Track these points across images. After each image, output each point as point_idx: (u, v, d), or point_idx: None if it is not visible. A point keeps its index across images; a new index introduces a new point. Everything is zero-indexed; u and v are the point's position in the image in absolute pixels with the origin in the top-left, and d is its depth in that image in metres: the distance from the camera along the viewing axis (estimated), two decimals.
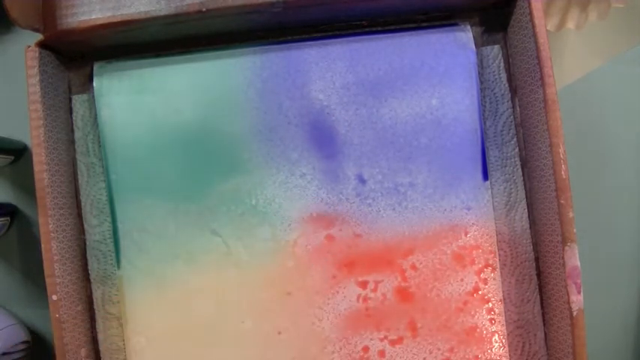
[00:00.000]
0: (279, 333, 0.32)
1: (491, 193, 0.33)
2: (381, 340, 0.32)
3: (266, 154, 0.32)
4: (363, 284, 0.32)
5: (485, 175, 0.32)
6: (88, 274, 0.33)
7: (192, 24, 0.31)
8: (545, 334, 0.33)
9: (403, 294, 0.32)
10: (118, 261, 0.32)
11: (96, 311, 0.33)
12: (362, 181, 0.32)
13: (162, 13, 0.30)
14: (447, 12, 0.34)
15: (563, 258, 0.29)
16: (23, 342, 0.35)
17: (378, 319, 0.32)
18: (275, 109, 0.32)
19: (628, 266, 0.38)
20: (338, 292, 0.32)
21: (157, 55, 0.33)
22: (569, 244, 0.29)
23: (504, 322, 0.32)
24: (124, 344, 0.33)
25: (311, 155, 0.32)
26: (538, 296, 0.33)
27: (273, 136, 0.32)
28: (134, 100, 0.33)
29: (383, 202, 0.32)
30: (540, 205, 0.32)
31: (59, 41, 0.31)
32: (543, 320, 0.33)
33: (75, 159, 0.34)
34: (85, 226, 0.33)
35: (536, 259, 0.33)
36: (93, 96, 0.33)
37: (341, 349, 0.32)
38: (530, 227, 0.33)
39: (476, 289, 0.32)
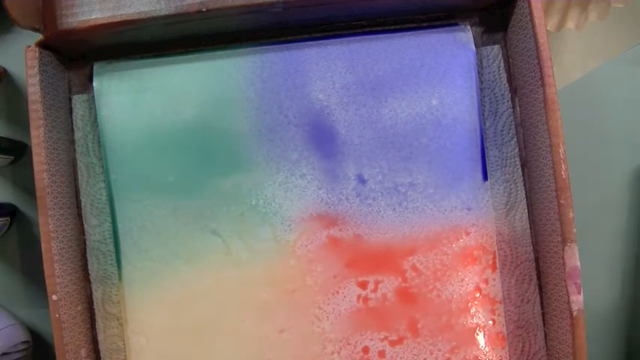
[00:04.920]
0: (280, 332, 0.32)
1: (491, 193, 0.33)
2: (382, 340, 0.32)
3: (266, 154, 0.32)
4: (363, 284, 0.32)
5: (485, 176, 0.32)
6: (88, 274, 0.33)
7: (192, 24, 0.31)
8: (545, 334, 0.33)
9: (403, 294, 0.32)
10: (118, 261, 0.32)
11: (96, 311, 0.33)
12: (362, 181, 0.32)
13: (162, 13, 0.30)
14: (447, 12, 0.34)
15: (563, 258, 0.29)
16: (23, 342, 0.35)
17: (378, 320, 0.32)
18: (275, 109, 0.32)
19: (628, 266, 0.38)
20: (338, 292, 0.32)
21: (157, 55, 0.33)
22: (569, 244, 0.29)
23: (504, 323, 0.32)
24: (124, 344, 0.33)
25: (311, 155, 0.32)
26: (538, 296, 0.33)
27: (273, 136, 0.32)
28: (134, 100, 0.33)
29: (383, 202, 0.32)
30: (540, 205, 0.32)
31: (59, 41, 0.31)
32: (543, 320, 0.33)
33: (75, 159, 0.34)
34: (85, 226, 0.33)
35: (536, 259, 0.33)
36: (93, 96, 0.33)
37: (341, 349, 0.32)
38: (530, 227, 0.33)
39: (476, 290, 0.32)
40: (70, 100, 0.34)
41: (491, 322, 0.32)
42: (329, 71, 0.33)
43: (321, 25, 0.34)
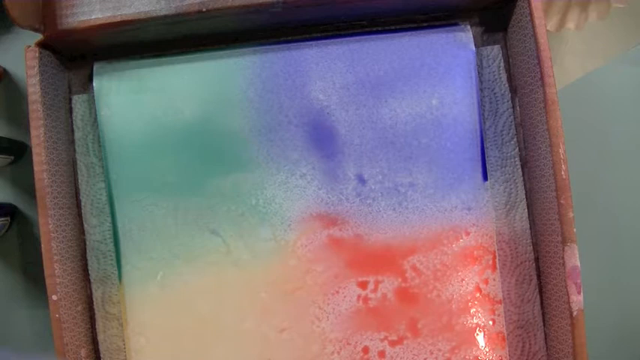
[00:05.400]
0: (280, 332, 0.32)
1: (491, 193, 0.33)
2: (382, 340, 0.32)
3: (266, 154, 0.32)
4: (363, 284, 0.32)
5: (485, 176, 0.32)
6: (88, 274, 0.33)
7: (192, 24, 0.31)
8: (545, 334, 0.33)
9: (404, 294, 0.32)
10: (118, 261, 0.32)
11: (96, 311, 0.33)
12: (362, 181, 0.32)
13: (162, 13, 0.30)
14: (447, 12, 0.34)
15: (563, 258, 0.29)
16: None
17: (378, 320, 0.32)
18: (275, 109, 0.32)
19: (628, 266, 0.38)
20: (338, 292, 0.32)
21: (157, 55, 0.33)
22: (569, 244, 0.29)
23: (504, 323, 0.32)
24: (124, 344, 0.33)
25: (311, 155, 0.32)
26: (538, 296, 0.33)
27: (273, 136, 0.32)
28: (134, 100, 0.32)
29: (383, 202, 0.32)
30: (540, 205, 0.32)
31: (59, 41, 0.31)
32: (543, 320, 0.33)
33: (75, 159, 0.34)
34: (85, 226, 0.33)
35: (536, 259, 0.33)
36: (93, 96, 0.33)
37: (341, 349, 0.32)
38: (530, 227, 0.33)
39: (476, 290, 0.32)
40: (70, 100, 0.34)
41: (491, 322, 0.32)
42: (329, 71, 0.33)
43: (321, 25, 0.34)
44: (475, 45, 0.33)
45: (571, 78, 0.38)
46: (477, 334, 0.32)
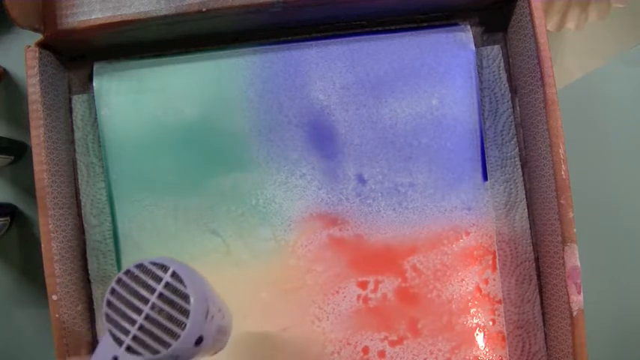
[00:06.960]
0: (281, 332, 0.32)
1: (491, 193, 0.33)
2: (382, 340, 0.32)
3: (266, 154, 0.32)
4: (363, 284, 0.32)
5: (485, 176, 0.32)
6: (88, 274, 0.33)
7: (192, 24, 0.31)
8: (545, 334, 0.33)
9: (404, 294, 0.32)
10: (118, 261, 0.32)
11: (96, 311, 0.33)
12: (362, 181, 0.32)
13: (163, 13, 0.30)
14: (447, 12, 0.34)
15: (563, 258, 0.29)
16: None
17: (378, 320, 0.32)
18: (275, 109, 0.32)
19: (628, 266, 0.38)
20: (338, 292, 0.32)
21: (157, 55, 0.33)
22: (569, 244, 0.29)
23: (504, 323, 0.32)
24: None
25: (311, 155, 0.32)
26: (538, 296, 0.33)
27: (273, 136, 0.32)
28: (134, 100, 0.32)
29: (383, 202, 0.32)
30: (540, 205, 0.32)
31: (59, 41, 0.31)
32: (543, 320, 0.33)
33: (75, 159, 0.34)
34: (85, 226, 0.33)
35: (536, 259, 0.33)
36: (93, 96, 0.33)
37: (341, 349, 0.32)
38: (530, 227, 0.33)
39: (476, 290, 0.32)
40: (70, 100, 0.34)
41: (491, 322, 0.32)
42: (329, 71, 0.33)
43: (321, 25, 0.34)
44: (475, 45, 0.33)
45: (571, 78, 0.38)
46: (477, 334, 0.32)
